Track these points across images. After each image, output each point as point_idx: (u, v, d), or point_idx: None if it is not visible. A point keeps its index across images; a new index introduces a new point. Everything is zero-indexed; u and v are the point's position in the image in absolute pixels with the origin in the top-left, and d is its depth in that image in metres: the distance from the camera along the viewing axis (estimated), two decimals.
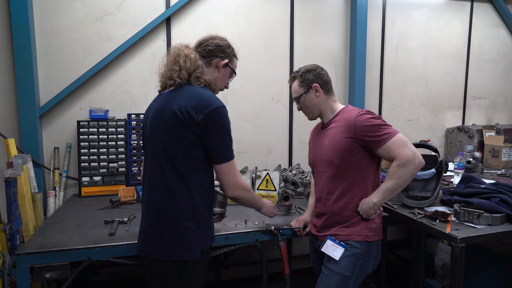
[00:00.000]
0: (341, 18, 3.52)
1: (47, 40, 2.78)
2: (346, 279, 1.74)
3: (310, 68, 1.87)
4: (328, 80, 1.89)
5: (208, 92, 1.51)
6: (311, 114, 1.92)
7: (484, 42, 4.05)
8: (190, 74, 1.50)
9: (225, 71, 1.65)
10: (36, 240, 1.86)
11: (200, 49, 1.60)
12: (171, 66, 1.53)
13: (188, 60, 1.51)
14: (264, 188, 2.60)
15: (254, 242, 2.07)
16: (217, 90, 1.68)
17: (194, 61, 1.52)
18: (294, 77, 1.91)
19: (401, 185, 1.71)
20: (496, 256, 2.36)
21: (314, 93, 1.84)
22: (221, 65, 1.61)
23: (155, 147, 1.49)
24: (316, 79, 1.85)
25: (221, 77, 1.65)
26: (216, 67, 1.62)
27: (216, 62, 1.61)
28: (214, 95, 1.53)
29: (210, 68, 1.61)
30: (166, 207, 1.47)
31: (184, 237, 1.46)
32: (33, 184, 2.55)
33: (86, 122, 2.79)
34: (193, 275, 1.49)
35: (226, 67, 1.64)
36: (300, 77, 1.87)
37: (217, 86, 1.66)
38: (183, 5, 3.02)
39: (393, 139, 1.66)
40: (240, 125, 3.32)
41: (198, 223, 1.49)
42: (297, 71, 1.90)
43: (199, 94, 1.46)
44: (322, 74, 1.87)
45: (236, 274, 3.34)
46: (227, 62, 1.62)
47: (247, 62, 3.27)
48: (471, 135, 3.71)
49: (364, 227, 1.77)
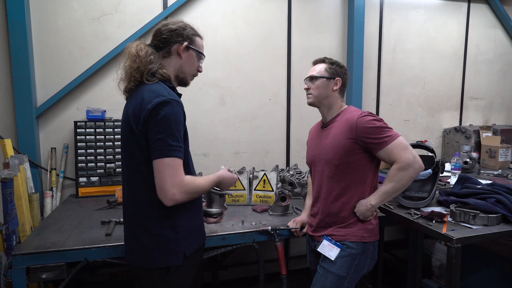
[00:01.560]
0: (338, 18, 3.53)
1: (44, 40, 2.78)
2: (341, 279, 1.74)
3: (342, 64, 1.89)
4: (347, 83, 1.91)
5: (158, 87, 1.40)
6: (315, 98, 1.86)
7: (481, 42, 4.07)
8: (143, 72, 1.43)
9: (188, 55, 1.52)
10: (33, 240, 1.86)
11: (155, 41, 1.51)
12: (126, 69, 1.47)
13: (138, 58, 1.43)
14: (262, 188, 2.61)
15: (251, 243, 2.07)
16: (188, 77, 1.57)
17: (144, 57, 1.43)
18: (323, 60, 1.88)
19: (400, 188, 1.71)
20: (492, 256, 2.37)
21: (333, 85, 1.84)
22: (181, 50, 1.49)
23: (123, 155, 1.49)
24: (342, 75, 1.86)
25: (186, 63, 1.53)
26: (177, 53, 1.50)
27: (176, 48, 1.49)
28: (165, 89, 1.40)
29: (171, 57, 1.50)
30: (137, 216, 1.43)
31: (162, 245, 1.41)
32: (29, 185, 2.54)
33: (83, 123, 2.78)
34: (177, 280, 1.46)
35: (189, 50, 1.52)
36: (330, 64, 1.86)
37: (185, 73, 1.54)
38: (181, 6, 3.02)
39: (394, 142, 1.66)
40: (238, 125, 3.32)
41: (175, 228, 1.43)
42: (329, 58, 1.89)
43: (146, 92, 1.38)
44: (347, 75, 1.91)
45: (233, 275, 3.34)
46: (187, 45, 1.50)
47: (244, 63, 3.28)
48: (468, 136, 3.73)
49: (361, 228, 1.77)
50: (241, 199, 2.61)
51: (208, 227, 2.02)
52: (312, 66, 1.91)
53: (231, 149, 3.33)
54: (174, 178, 1.31)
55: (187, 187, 1.35)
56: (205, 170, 3.16)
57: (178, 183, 1.32)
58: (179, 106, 1.38)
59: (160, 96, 1.34)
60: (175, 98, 1.37)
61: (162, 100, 1.33)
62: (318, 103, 1.87)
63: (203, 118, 3.20)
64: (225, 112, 3.28)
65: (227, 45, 3.20)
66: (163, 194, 1.32)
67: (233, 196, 2.60)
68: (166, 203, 1.33)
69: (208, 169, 3.19)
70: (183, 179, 1.34)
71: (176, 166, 1.33)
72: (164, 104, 1.32)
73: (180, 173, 1.34)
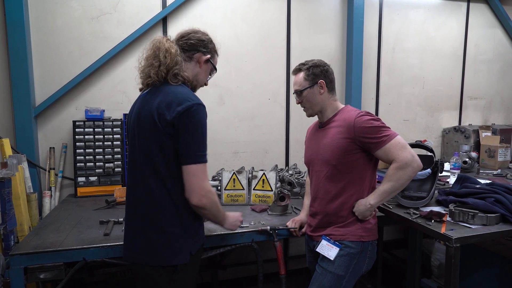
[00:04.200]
0: (337, 18, 3.52)
1: (43, 39, 2.77)
2: (339, 278, 1.74)
3: (318, 63, 1.82)
4: (333, 78, 1.86)
5: (185, 90, 1.45)
6: (310, 110, 1.86)
7: (480, 42, 4.06)
8: (169, 70, 1.44)
9: (206, 67, 1.59)
10: (31, 240, 1.85)
11: (181, 42, 1.53)
12: (151, 61, 1.47)
13: (169, 55, 1.44)
14: (261, 188, 2.60)
15: (250, 242, 2.06)
16: (198, 86, 1.62)
17: (174, 56, 1.45)
18: (299, 69, 1.84)
19: (399, 187, 1.72)
20: (491, 256, 2.37)
21: (319, 89, 1.80)
22: (203, 60, 1.56)
23: (136, 152, 1.48)
24: (323, 76, 1.81)
25: (202, 73, 1.59)
26: (197, 62, 1.55)
27: (198, 56, 1.55)
28: (191, 92, 1.47)
29: (192, 63, 1.55)
30: (149, 213, 1.44)
31: (171, 243, 1.44)
32: (28, 184, 2.53)
33: (82, 122, 2.77)
34: (183, 278, 1.48)
35: (208, 63, 1.59)
36: (307, 71, 1.81)
37: (198, 82, 1.59)
38: (180, 5, 3.01)
39: (392, 141, 1.66)
40: (237, 125, 3.32)
41: (183, 227, 1.46)
42: (304, 64, 1.84)
43: (173, 93, 1.40)
44: (329, 72, 1.84)
45: (232, 275, 3.34)
46: (209, 58, 1.57)
47: (243, 62, 3.27)
48: (468, 135, 3.73)
49: (359, 227, 1.77)
50: (240, 199, 2.60)
51: (206, 227, 2.02)
52: (294, 77, 1.89)
53: (230, 148, 3.32)
54: (204, 182, 1.42)
55: (213, 194, 1.47)
56: None
57: (207, 188, 1.43)
58: (205, 111, 1.44)
59: (190, 100, 1.39)
60: (202, 103, 1.43)
61: (192, 104, 1.38)
62: (316, 111, 1.87)
63: None
64: (224, 111, 3.27)
65: (227, 44, 3.19)
66: (193, 195, 1.41)
67: (232, 196, 2.60)
68: (193, 202, 1.42)
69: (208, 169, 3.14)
70: (210, 185, 1.47)
71: (205, 171, 1.44)
72: (194, 109, 1.37)
73: (207, 178, 1.46)
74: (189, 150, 1.38)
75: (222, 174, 2.65)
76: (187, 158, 1.38)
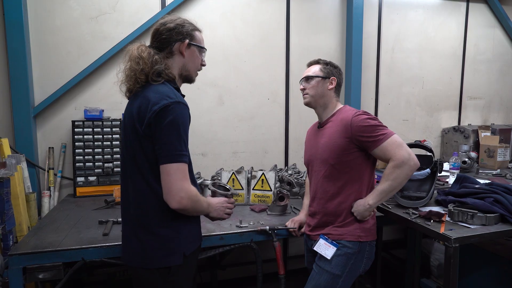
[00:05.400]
0: (337, 18, 3.52)
1: (42, 39, 2.77)
2: (336, 277, 1.74)
3: (335, 65, 1.92)
4: (342, 83, 1.94)
5: (165, 88, 1.39)
6: (311, 98, 1.87)
7: (479, 42, 4.07)
8: (148, 74, 1.40)
9: (190, 52, 1.51)
10: (30, 240, 1.85)
11: (155, 43, 1.48)
12: (128, 72, 1.44)
13: (141, 60, 1.40)
14: (260, 188, 2.60)
15: (249, 243, 2.06)
16: (193, 74, 1.56)
17: (148, 59, 1.40)
18: (317, 61, 1.92)
19: (397, 186, 1.72)
20: (490, 256, 2.37)
21: (328, 84, 1.86)
22: (183, 48, 1.48)
23: (124, 155, 1.48)
24: (337, 75, 1.89)
25: (189, 60, 1.52)
26: (179, 52, 1.48)
27: (177, 47, 1.48)
28: (172, 91, 1.40)
29: (175, 56, 1.49)
30: (139, 216, 1.43)
31: (163, 245, 1.42)
32: (27, 184, 2.53)
33: (81, 122, 2.77)
34: (177, 280, 1.47)
35: (190, 47, 1.51)
36: (325, 65, 1.89)
37: (189, 70, 1.53)
38: (179, 5, 3.01)
39: (389, 140, 1.67)
40: (236, 125, 3.31)
41: (174, 228, 1.44)
42: (323, 60, 1.92)
43: (153, 93, 1.36)
44: (342, 76, 1.94)
45: (231, 275, 3.34)
46: (188, 42, 1.49)
47: (243, 62, 3.27)
48: (467, 135, 3.73)
49: (357, 227, 1.77)
50: (239, 199, 2.60)
51: (205, 227, 2.02)
52: (307, 68, 1.94)
53: (230, 148, 3.32)
54: (182, 182, 1.33)
55: (192, 193, 1.37)
56: (203, 170, 3.15)
57: (185, 188, 1.34)
58: (186, 109, 1.38)
59: (167, 98, 1.33)
60: (182, 101, 1.37)
61: (169, 103, 1.32)
62: (314, 102, 1.89)
63: (202, 118, 3.19)
64: (224, 111, 3.27)
65: (226, 44, 3.20)
66: (171, 197, 1.33)
67: None
68: (172, 206, 1.34)
69: (207, 169, 3.18)
70: (190, 184, 1.37)
71: (184, 171, 1.35)
72: (171, 107, 1.32)
73: (187, 178, 1.36)
74: (166, 149, 1.32)
75: (221, 174, 2.65)
76: (164, 157, 1.33)
